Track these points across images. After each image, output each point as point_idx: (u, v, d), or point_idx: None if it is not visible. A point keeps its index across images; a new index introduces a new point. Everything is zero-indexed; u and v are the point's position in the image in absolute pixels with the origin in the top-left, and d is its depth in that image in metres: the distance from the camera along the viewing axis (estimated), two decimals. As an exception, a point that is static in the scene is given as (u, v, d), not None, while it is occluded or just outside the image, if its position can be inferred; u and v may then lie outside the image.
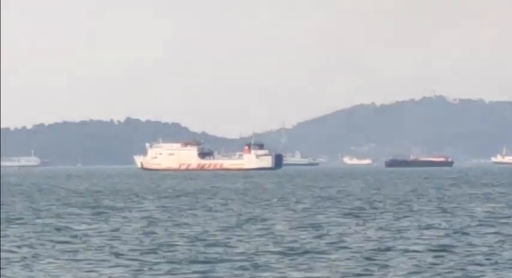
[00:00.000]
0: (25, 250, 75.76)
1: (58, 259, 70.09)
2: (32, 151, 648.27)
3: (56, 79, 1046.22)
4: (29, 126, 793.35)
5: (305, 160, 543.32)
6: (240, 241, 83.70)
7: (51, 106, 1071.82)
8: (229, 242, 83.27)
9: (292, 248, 74.73)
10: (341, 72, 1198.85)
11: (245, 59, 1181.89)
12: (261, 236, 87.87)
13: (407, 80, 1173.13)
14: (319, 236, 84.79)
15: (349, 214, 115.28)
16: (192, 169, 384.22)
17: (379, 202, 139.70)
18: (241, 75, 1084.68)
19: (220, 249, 78.13)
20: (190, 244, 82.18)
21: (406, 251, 73.62)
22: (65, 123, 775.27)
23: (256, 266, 67.27)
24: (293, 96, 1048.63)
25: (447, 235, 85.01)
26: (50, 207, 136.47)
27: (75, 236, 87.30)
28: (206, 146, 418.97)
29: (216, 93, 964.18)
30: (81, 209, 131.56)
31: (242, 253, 73.73)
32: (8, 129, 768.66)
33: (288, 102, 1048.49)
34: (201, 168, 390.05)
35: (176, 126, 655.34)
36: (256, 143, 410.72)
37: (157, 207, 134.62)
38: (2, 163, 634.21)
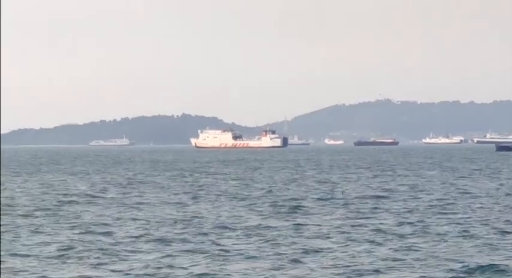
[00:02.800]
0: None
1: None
2: (124, 135, 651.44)
3: (128, 81, 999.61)
4: (118, 119, 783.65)
5: (300, 142, 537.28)
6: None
7: (130, 103, 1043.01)
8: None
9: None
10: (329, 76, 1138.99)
11: (258, 65, 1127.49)
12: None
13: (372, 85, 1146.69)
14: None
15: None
16: (228, 148, 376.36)
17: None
18: (257, 79, 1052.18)
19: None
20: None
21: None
22: (143, 117, 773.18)
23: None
24: (291, 96, 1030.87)
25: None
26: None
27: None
28: (237, 132, 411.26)
29: (237, 94, 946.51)
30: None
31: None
32: (104, 121, 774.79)
33: (288, 100, 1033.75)
34: (234, 146, 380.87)
35: (214, 119, 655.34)
36: (270, 130, 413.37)
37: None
38: (102, 143, 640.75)
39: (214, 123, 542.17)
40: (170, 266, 31.01)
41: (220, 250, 34.86)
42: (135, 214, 50.71)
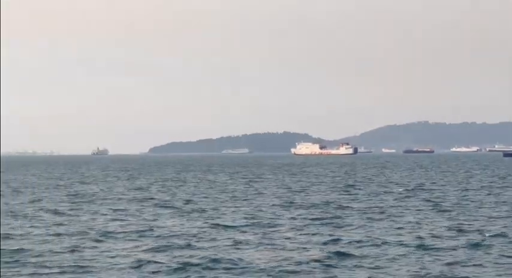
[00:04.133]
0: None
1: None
2: (245, 146, 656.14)
3: (248, 106, 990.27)
4: (240, 135, 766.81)
5: (365, 150, 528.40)
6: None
7: (248, 123, 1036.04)
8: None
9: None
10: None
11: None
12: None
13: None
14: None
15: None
16: (316, 155, 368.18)
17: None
18: (335, 104, 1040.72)
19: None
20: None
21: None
22: (257, 133, 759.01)
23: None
24: (359, 117, 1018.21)
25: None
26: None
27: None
28: (322, 144, 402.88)
29: (322, 115, 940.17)
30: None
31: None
32: (230, 136, 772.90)
33: (356, 121, 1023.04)
34: (320, 154, 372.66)
35: (306, 134, 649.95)
36: (345, 142, 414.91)
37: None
38: (230, 151, 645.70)
39: (306, 138, 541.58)
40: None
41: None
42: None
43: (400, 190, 59.18)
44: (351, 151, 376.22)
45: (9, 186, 71.76)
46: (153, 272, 21.55)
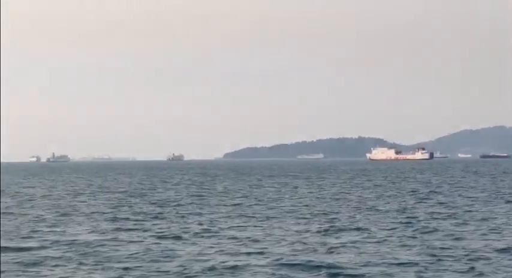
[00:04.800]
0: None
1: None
2: (320, 151, 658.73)
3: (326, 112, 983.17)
4: (314, 140, 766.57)
5: (441, 155, 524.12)
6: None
7: (321, 129, 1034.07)
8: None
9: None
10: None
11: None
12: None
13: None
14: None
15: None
16: (392, 160, 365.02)
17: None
18: (410, 110, 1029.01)
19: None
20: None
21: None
22: (331, 139, 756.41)
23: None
24: (434, 122, 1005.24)
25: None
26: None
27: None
28: (398, 149, 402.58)
29: (397, 120, 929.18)
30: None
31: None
32: (305, 141, 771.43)
33: (431, 126, 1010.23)
34: (396, 159, 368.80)
35: (381, 139, 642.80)
36: (420, 147, 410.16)
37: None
38: (305, 157, 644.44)
39: (381, 143, 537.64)
40: None
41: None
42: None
43: None
44: (427, 156, 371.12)
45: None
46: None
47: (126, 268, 22.98)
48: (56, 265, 23.87)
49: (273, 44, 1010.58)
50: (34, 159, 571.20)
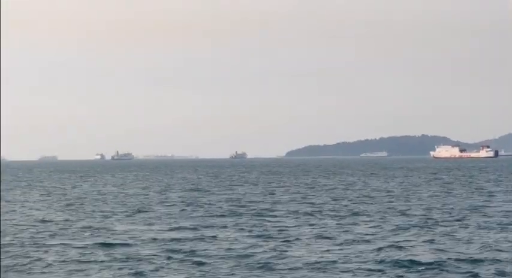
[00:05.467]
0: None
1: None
2: (383, 149, 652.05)
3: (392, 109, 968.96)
4: (377, 138, 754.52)
5: (506, 153, 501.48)
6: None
7: (387, 127, 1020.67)
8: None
9: None
10: None
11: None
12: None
13: None
14: None
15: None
16: (455, 158, 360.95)
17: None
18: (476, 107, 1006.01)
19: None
20: None
21: None
22: (394, 136, 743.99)
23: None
24: (497, 121, 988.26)
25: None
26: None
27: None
28: (462, 147, 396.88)
29: (463, 118, 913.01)
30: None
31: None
32: (367, 139, 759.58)
33: (495, 123, 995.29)
34: (460, 157, 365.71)
35: (445, 138, 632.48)
36: (485, 145, 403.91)
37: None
38: (369, 155, 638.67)
39: (445, 141, 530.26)
40: None
41: None
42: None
43: None
44: (491, 154, 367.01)
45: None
46: None
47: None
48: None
49: (346, 43, 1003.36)
50: (98, 157, 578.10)
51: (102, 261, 24.51)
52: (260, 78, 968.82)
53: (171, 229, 34.07)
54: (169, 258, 25.09)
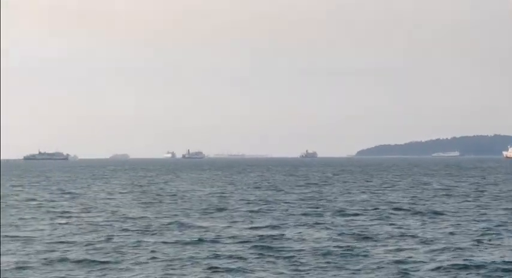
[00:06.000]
0: None
1: None
2: (456, 149, 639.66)
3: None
4: (449, 137, 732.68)
5: None
6: None
7: (452, 127, 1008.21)
8: None
9: None
10: None
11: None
12: None
13: None
14: None
15: None
16: None
17: None
18: None
19: None
20: None
21: None
22: (466, 136, 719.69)
23: None
24: None
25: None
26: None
27: None
28: None
29: None
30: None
31: None
32: (439, 139, 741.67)
33: None
34: None
35: None
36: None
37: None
38: (441, 154, 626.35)
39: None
40: None
41: None
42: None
43: None
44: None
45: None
46: None
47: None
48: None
49: (391, 44, 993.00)
50: (169, 155, 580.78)
51: (191, 257, 24.85)
52: (327, 77, 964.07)
53: (254, 228, 34.32)
54: (260, 255, 25.39)
